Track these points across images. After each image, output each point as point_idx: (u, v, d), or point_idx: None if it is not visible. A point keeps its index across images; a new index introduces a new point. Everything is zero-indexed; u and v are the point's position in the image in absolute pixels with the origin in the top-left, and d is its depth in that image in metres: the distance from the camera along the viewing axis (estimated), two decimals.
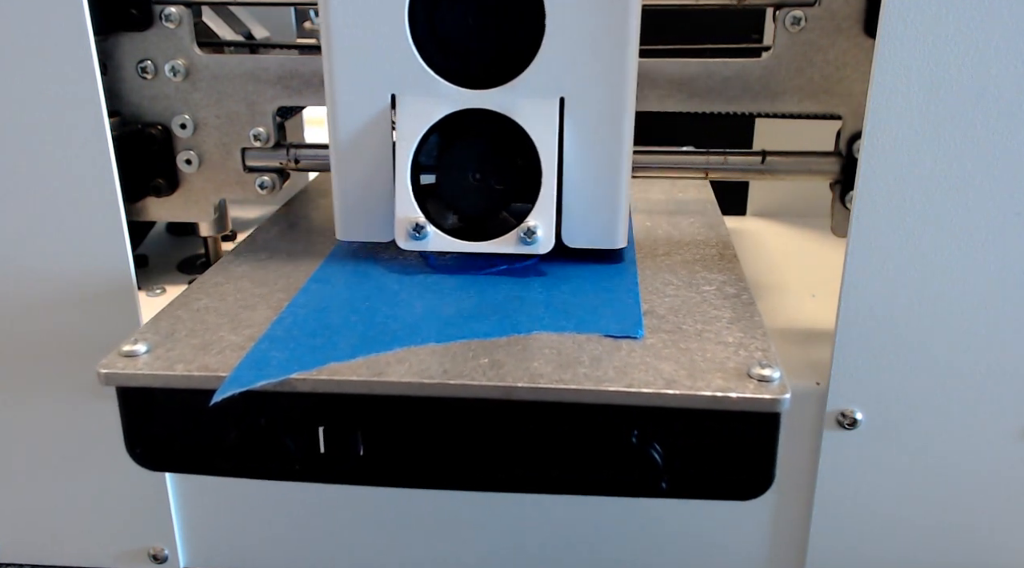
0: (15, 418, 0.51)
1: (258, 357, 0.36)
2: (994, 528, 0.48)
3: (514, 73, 0.43)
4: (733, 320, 0.40)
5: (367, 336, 0.38)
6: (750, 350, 0.37)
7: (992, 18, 0.38)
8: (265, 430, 0.37)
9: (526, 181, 0.43)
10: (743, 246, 0.68)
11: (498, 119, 0.43)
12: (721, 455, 0.36)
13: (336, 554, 0.53)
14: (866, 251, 0.43)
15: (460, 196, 0.44)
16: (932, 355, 0.44)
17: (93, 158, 0.45)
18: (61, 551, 0.55)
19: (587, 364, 0.36)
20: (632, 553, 0.51)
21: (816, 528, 0.49)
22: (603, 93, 0.42)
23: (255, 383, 0.34)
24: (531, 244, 0.43)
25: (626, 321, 0.40)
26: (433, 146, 0.44)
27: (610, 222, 0.45)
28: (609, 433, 0.35)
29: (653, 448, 0.36)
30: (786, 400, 0.34)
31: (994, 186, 0.41)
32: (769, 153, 0.52)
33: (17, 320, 0.48)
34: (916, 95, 0.40)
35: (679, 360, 0.36)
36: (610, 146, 0.43)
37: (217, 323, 0.40)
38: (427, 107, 0.43)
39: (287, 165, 0.54)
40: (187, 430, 0.38)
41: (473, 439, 0.37)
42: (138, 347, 0.37)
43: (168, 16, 0.51)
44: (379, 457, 0.37)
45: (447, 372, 0.35)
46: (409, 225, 0.44)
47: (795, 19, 0.49)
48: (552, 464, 0.36)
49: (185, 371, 0.36)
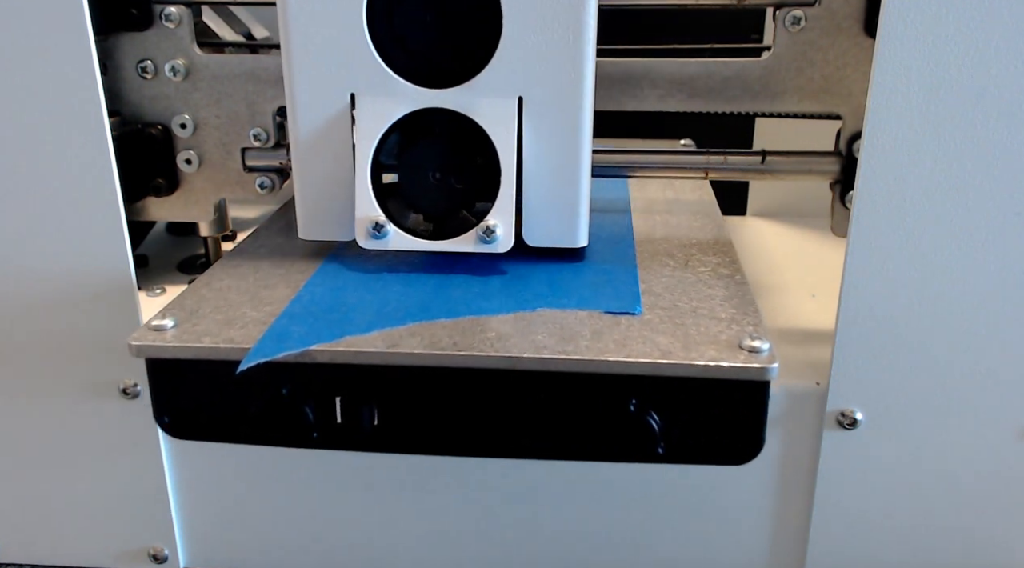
0: (15, 418, 0.51)
1: (279, 331, 0.39)
2: (994, 528, 0.48)
3: (472, 72, 0.43)
4: (726, 298, 0.43)
5: (381, 312, 0.41)
6: (741, 324, 0.40)
7: (992, 18, 0.38)
8: (286, 400, 0.39)
9: (486, 180, 0.44)
10: (743, 246, 0.68)
11: (457, 118, 0.43)
12: (714, 422, 0.38)
13: (336, 554, 0.53)
14: (866, 251, 0.43)
15: (421, 195, 0.45)
16: (932, 355, 0.44)
17: (93, 158, 0.45)
18: (61, 551, 0.55)
19: (588, 337, 0.38)
20: (632, 553, 0.51)
21: (816, 528, 0.49)
22: (561, 92, 0.43)
23: (277, 354, 0.37)
24: (490, 243, 0.43)
25: (625, 299, 0.42)
26: (393, 145, 0.44)
27: (570, 221, 0.45)
28: (608, 401, 0.38)
29: (650, 415, 0.38)
30: (774, 369, 0.36)
31: (994, 186, 0.41)
32: (769, 153, 0.52)
33: (17, 320, 0.48)
34: (916, 95, 0.40)
35: (675, 334, 0.39)
36: (569, 145, 0.44)
37: (239, 301, 0.43)
38: (386, 106, 0.43)
39: (287, 165, 0.54)
40: (212, 400, 0.40)
41: (481, 408, 0.39)
42: (166, 322, 0.40)
43: (168, 16, 0.51)
44: (393, 426, 0.39)
45: (457, 344, 0.38)
46: (369, 224, 0.44)
47: (795, 19, 0.49)
48: (555, 431, 0.39)
49: (211, 343, 0.38)
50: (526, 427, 0.39)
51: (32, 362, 0.49)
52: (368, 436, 0.40)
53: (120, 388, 0.49)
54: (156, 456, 0.51)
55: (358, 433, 0.40)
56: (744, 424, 0.38)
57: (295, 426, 0.39)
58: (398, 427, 0.40)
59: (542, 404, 0.38)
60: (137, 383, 0.49)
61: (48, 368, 0.49)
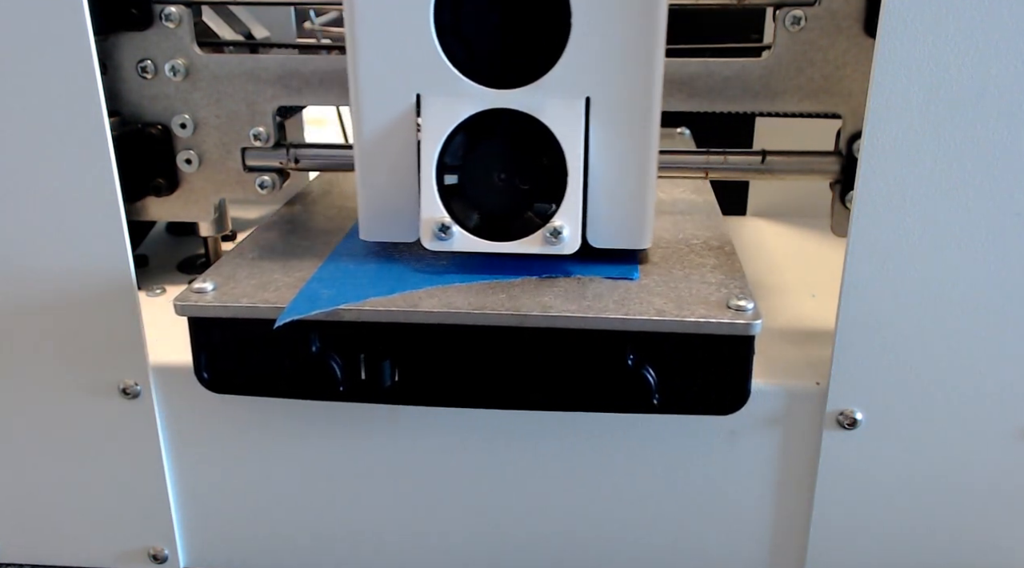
0: (15, 418, 0.51)
1: (310, 293, 0.43)
2: (994, 528, 0.48)
3: (539, 73, 0.42)
4: (716, 266, 0.47)
5: (401, 278, 0.45)
6: (729, 288, 0.43)
7: (992, 18, 0.38)
8: (316, 356, 0.43)
9: (551, 181, 0.43)
10: (743, 246, 0.68)
11: (523, 119, 0.43)
12: (704, 374, 0.42)
13: (336, 554, 0.53)
14: (866, 251, 0.43)
15: (485, 196, 0.44)
16: (932, 355, 0.44)
17: (93, 158, 0.45)
18: (61, 551, 0.55)
19: (590, 298, 0.42)
20: (632, 553, 0.51)
21: (816, 528, 0.49)
22: (629, 92, 0.42)
23: (309, 312, 0.41)
24: (557, 244, 0.43)
25: (624, 267, 0.46)
26: (458, 146, 0.44)
27: (636, 222, 0.45)
28: (608, 356, 0.42)
29: (646, 369, 0.42)
30: (757, 325, 0.40)
31: (994, 186, 0.41)
32: (769, 153, 0.52)
33: (17, 320, 0.48)
34: (916, 95, 0.40)
35: (668, 295, 0.42)
36: (636, 146, 0.43)
37: (271, 268, 0.47)
38: (452, 107, 0.43)
39: (287, 165, 0.54)
40: (249, 357, 0.44)
41: (492, 362, 0.43)
42: (206, 285, 0.44)
43: (168, 16, 0.51)
44: (412, 379, 0.43)
45: (471, 304, 0.41)
46: (435, 225, 0.44)
47: (795, 19, 0.49)
48: (560, 384, 0.43)
49: (249, 303, 0.42)
50: (533, 380, 0.43)
51: (32, 362, 0.49)
52: (389, 390, 0.44)
53: (120, 388, 0.49)
54: (156, 456, 0.51)
55: (379, 387, 0.43)
56: (731, 376, 0.42)
57: (324, 380, 0.43)
58: (416, 381, 0.43)
59: (548, 359, 0.42)
60: (137, 383, 0.49)
61: (48, 368, 0.49)
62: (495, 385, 0.43)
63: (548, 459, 0.49)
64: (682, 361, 0.42)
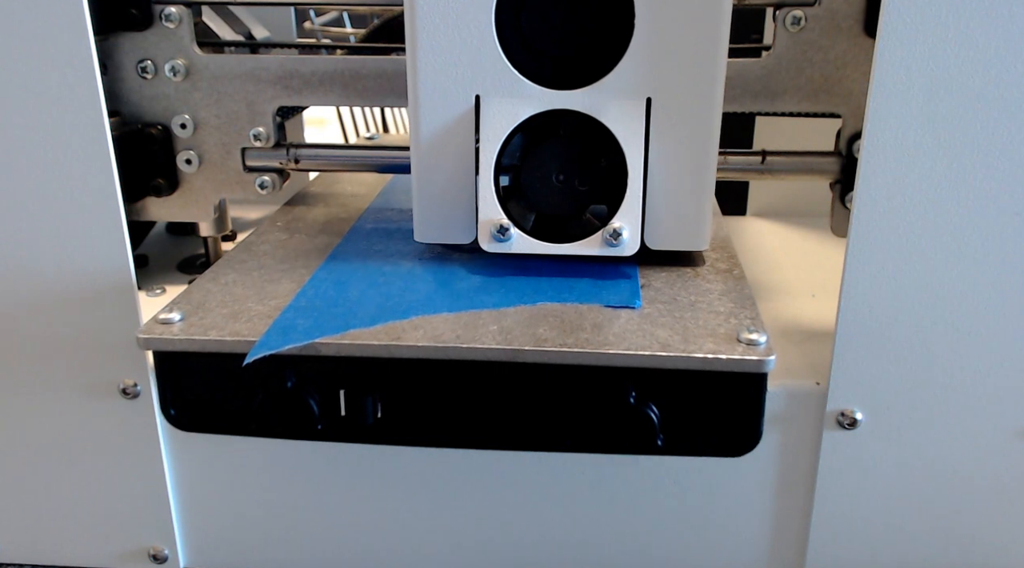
0: (15, 418, 0.51)
1: (284, 324, 0.39)
2: (994, 528, 0.48)
3: (601, 74, 0.42)
4: (724, 292, 0.43)
5: (385, 306, 0.41)
6: (739, 318, 0.40)
7: (992, 18, 0.38)
8: (291, 392, 0.39)
9: (610, 182, 0.43)
10: (743, 246, 0.68)
11: (583, 120, 0.43)
12: (712, 414, 0.39)
13: (336, 554, 0.53)
14: (866, 251, 0.43)
15: (543, 197, 0.44)
16: (932, 355, 0.44)
17: (93, 158, 0.45)
18: (61, 551, 0.55)
19: (589, 330, 0.39)
20: (632, 553, 0.51)
21: (816, 528, 0.49)
22: (691, 94, 0.42)
23: (283, 346, 0.37)
24: (617, 246, 0.43)
25: (625, 293, 0.43)
26: (515, 147, 0.44)
27: (696, 224, 0.45)
28: (609, 393, 0.38)
29: (650, 407, 0.39)
30: (771, 361, 0.37)
31: (994, 186, 0.41)
32: (769, 153, 0.52)
33: (17, 320, 0.48)
34: (916, 95, 0.40)
35: (674, 327, 0.39)
36: (697, 147, 0.43)
37: (245, 295, 0.43)
38: (512, 108, 0.43)
39: (287, 165, 0.54)
40: (218, 393, 0.40)
41: (483, 400, 0.39)
42: (173, 315, 0.40)
43: (168, 16, 0.51)
44: (396, 418, 0.40)
45: (459, 337, 0.38)
46: (493, 227, 0.43)
47: (795, 19, 0.49)
48: (556, 423, 0.39)
49: (218, 336, 0.39)
50: (527, 419, 0.39)
51: (32, 362, 0.49)
52: (371, 428, 0.40)
53: (120, 388, 0.49)
54: (156, 456, 0.51)
55: (361, 425, 0.40)
56: (742, 416, 0.39)
57: (300, 418, 0.40)
58: (401, 419, 0.40)
59: (543, 396, 0.39)
60: (137, 383, 0.49)
61: (48, 368, 0.49)
62: (485, 424, 0.40)
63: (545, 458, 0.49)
64: (688, 400, 0.39)
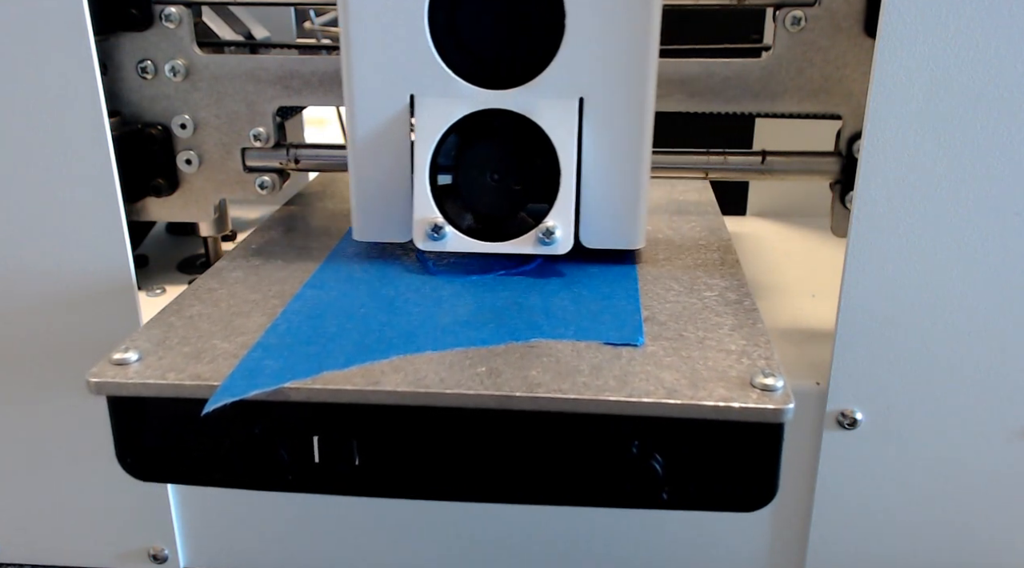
0: (15, 418, 0.51)
1: (251, 366, 0.35)
2: (994, 528, 0.48)
3: (533, 73, 0.42)
4: (735, 327, 0.39)
5: (362, 344, 0.37)
6: (753, 358, 0.36)
7: (992, 18, 0.38)
8: (258, 440, 0.36)
9: (544, 181, 0.43)
10: (743, 246, 0.68)
11: (517, 119, 0.43)
12: (723, 466, 0.35)
13: (336, 554, 0.53)
14: (866, 251, 0.43)
15: (478, 196, 0.44)
16: (932, 355, 0.44)
17: (93, 158, 0.45)
18: (61, 551, 0.55)
19: (586, 373, 0.35)
20: (631, 553, 0.51)
21: (816, 528, 0.49)
22: (623, 93, 0.42)
23: (248, 393, 0.34)
24: (550, 244, 0.43)
25: (626, 328, 0.39)
26: (451, 146, 0.44)
27: (629, 223, 0.45)
28: (609, 444, 0.35)
29: (654, 459, 0.35)
30: (789, 410, 0.33)
31: (994, 186, 0.41)
32: (769, 153, 0.52)
33: (17, 320, 0.48)
34: (916, 95, 0.40)
35: (680, 369, 0.36)
36: (630, 146, 0.43)
37: (210, 330, 0.39)
38: (446, 107, 0.43)
39: (287, 165, 0.54)
40: (179, 440, 0.37)
41: (470, 449, 0.36)
42: (129, 355, 0.37)
43: (168, 16, 0.51)
44: (374, 467, 0.36)
45: (444, 381, 0.34)
46: (428, 226, 0.43)
47: (795, 19, 0.49)
48: (551, 475, 0.36)
49: (176, 380, 0.35)
50: (519, 471, 0.36)
51: (32, 362, 0.49)
52: (348, 478, 0.37)
53: None
54: None
55: (337, 474, 0.36)
56: (756, 469, 0.35)
57: (268, 468, 0.36)
58: (380, 469, 0.36)
59: (536, 446, 0.35)
60: None
61: (48, 368, 0.49)
62: (472, 474, 0.36)
63: None
64: (697, 451, 0.35)
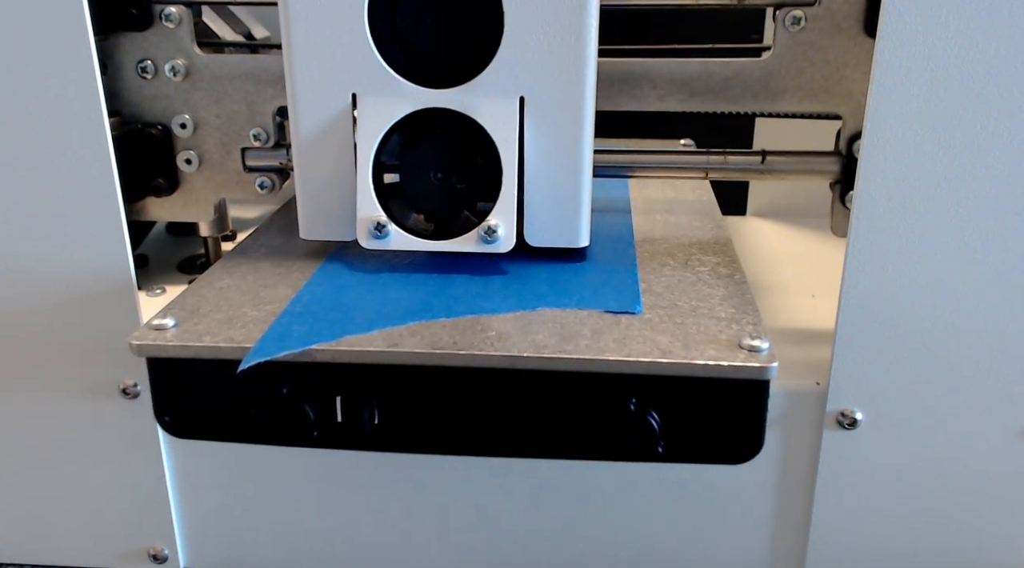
0: (15, 418, 0.51)
1: (280, 330, 0.39)
2: (994, 528, 0.48)
3: (474, 72, 0.43)
4: (726, 297, 0.43)
5: (382, 312, 0.40)
6: (741, 324, 0.40)
7: (992, 18, 0.38)
8: (286, 400, 0.39)
9: (487, 180, 0.44)
10: (743, 246, 0.68)
11: (458, 118, 0.43)
12: (713, 421, 0.38)
13: (335, 554, 0.53)
14: (866, 251, 0.43)
15: (422, 195, 0.45)
16: (932, 355, 0.44)
17: (93, 158, 0.45)
18: (61, 551, 0.55)
19: (588, 336, 0.38)
20: (632, 553, 0.51)
21: (816, 528, 0.49)
22: (562, 93, 0.43)
23: (278, 353, 0.37)
24: (492, 243, 0.43)
25: (625, 298, 0.42)
26: (395, 145, 0.44)
27: (572, 221, 0.45)
28: (609, 400, 0.38)
29: (650, 414, 0.38)
30: (773, 368, 0.36)
31: (994, 186, 0.41)
32: (769, 153, 0.52)
33: (17, 320, 0.48)
34: (916, 95, 0.40)
35: (674, 333, 0.39)
36: (570, 145, 0.44)
37: (240, 300, 0.43)
38: (388, 106, 0.43)
39: (287, 165, 0.54)
40: (213, 400, 0.40)
41: (481, 407, 0.39)
42: (167, 321, 0.40)
43: (168, 16, 0.51)
44: (393, 425, 0.40)
45: (457, 343, 0.38)
46: (371, 224, 0.44)
47: (795, 19, 0.49)
48: (555, 430, 0.39)
49: (212, 342, 0.38)
50: (526, 426, 0.39)
51: (32, 362, 0.49)
52: (368, 435, 0.40)
53: (120, 388, 0.49)
54: (156, 456, 0.51)
55: (358, 432, 0.40)
56: (744, 423, 0.39)
57: (295, 425, 0.40)
58: (398, 426, 0.40)
59: (542, 403, 0.39)
60: (137, 383, 0.49)
61: (48, 368, 0.49)
62: (484, 431, 0.40)
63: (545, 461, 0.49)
64: (690, 407, 0.38)
